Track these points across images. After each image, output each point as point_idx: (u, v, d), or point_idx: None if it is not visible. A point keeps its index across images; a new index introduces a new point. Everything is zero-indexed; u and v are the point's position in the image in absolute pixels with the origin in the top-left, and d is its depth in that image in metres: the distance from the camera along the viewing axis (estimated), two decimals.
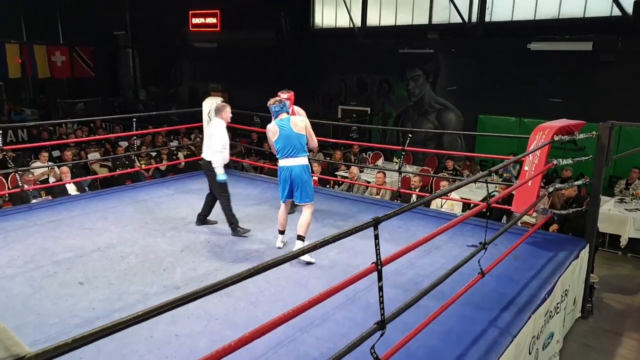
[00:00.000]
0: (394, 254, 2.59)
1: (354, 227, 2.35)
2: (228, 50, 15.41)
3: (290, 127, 4.61)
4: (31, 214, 6.00)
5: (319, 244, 2.14)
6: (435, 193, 3.12)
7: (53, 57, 17.51)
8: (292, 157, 4.61)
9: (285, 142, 4.60)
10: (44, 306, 3.78)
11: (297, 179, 4.62)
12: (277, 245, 5.01)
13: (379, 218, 2.44)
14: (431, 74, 11.45)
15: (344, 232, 2.27)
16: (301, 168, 4.62)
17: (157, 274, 4.36)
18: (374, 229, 2.45)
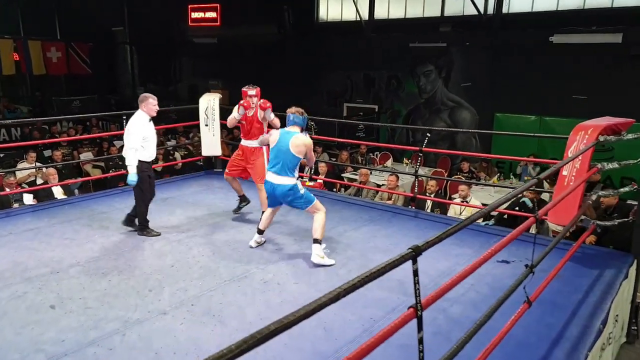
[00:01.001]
0: (437, 292, 1.97)
1: (391, 261, 1.74)
2: (228, 46, 14.83)
3: (289, 145, 4.30)
4: (8, 221, 5.43)
5: (358, 282, 1.54)
6: (484, 209, 2.50)
7: (48, 53, 16.92)
8: (276, 173, 4.35)
9: (276, 155, 4.36)
10: (4, 337, 3.19)
11: (283, 199, 4.42)
12: (250, 244, 4.69)
13: (419, 247, 1.84)
14: (444, 70, 10.82)
15: (382, 268, 1.67)
16: (286, 190, 4.33)
17: (141, 295, 3.77)
18: (413, 262, 1.83)
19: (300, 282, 3.98)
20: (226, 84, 15.33)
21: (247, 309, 3.56)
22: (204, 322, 3.38)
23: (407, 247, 4.66)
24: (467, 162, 8.72)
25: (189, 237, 5.00)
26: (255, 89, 5.31)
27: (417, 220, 5.59)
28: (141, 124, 4.75)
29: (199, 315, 3.48)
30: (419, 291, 1.88)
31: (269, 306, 3.60)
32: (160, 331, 3.28)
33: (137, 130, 4.71)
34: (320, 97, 13.09)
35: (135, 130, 4.71)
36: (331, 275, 4.10)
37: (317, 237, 4.31)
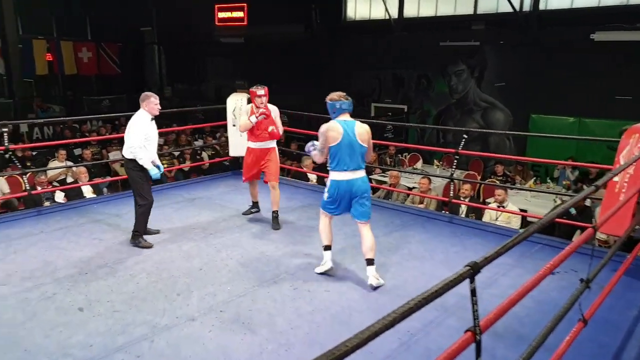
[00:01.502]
0: (495, 313, 1.78)
1: (448, 281, 1.56)
2: (255, 45, 14.78)
3: (355, 135, 3.80)
4: (39, 220, 5.44)
5: (414, 305, 1.37)
6: (543, 219, 2.28)
7: (79, 53, 17.19)
8: (352, 170, 3.81)
9: (346, 152, 3.78)
10: (33, 340, 3.13)
11: (359, 194, 3.85)
12: (323, 269, 4.08)
13: (477, 264, 1.65)
14: (476, 69, 10.52)
15: (439, 289, 1.49)
16: (363, 182, 3.88)
17: (169, 299, 3.68)
18: (470, 280, 1.65)
19: (331, 290, 3.83)
20: (252, 84, 15.23)
21: (277, 317, 3.43)
22: (234, 330, 3.27)
23: (443, 254, 4.50)
24: (501, 164, 8.44)
25: (217, 239, 4.90)
26: (264, 89, 5.20)
27: (452, 226, 5.38)
28: (142, 123, 4.59)
29: (228, 322, 3.36)
30: (477, 313, 1.70)
31: (300, 315, 3.46)
32: (188, 338, 3.17)
33: (139, 128, 4.56)
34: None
35: (137, 128, 4.56)
36: (363, 284, 3.93)
37: (373, 257, 3.88)
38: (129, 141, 4.55)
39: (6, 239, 4.79)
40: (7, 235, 4.91)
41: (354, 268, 4.22)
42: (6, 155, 5.75)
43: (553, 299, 3.55)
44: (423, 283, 3.90)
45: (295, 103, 13.17)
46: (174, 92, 17.88)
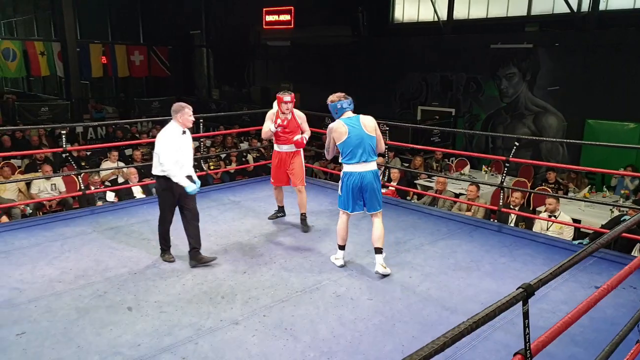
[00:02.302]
0: (548, 336, 1.70)
1: (500, 304, 1.49)
2: (301, 48, 14.86)
3: (362, 127, 4.05)
4: (92, 219, 5.63)
5: (465, 329, 1.32)
6: (607, 235, 2.16)
7: (132, 56, 17.82)
8: (364, 162, 4.03)
9: (356, 145, 4.01)
10: (85, 337, 3.25)
11: (369, 186, 4.07)
12: (338, 264, 4.34)
13: (531, 286, 1.57)
14: (528, 72, 10.17)
15: (490, 312, 1.43)
16: (373, 174, 4.09)
17: (214, 302, 3.73)
18: (523, 303, 1.58)
19: (374, 299, 3.77)
20: (298, 87, 15.38)
21: (319, 324, 3.42)
22: (276, 336, 3.27)
23: (490, 265, 4.36)
24: (553, 171, 8.11)
25: (261, 242, 4.94)
26: (291, 95, 5.18)
27: (500, 236, 5.21)
28: (173, 137, 4.23)
29: (271, 327, 3.38)
30: (529, 336, 1.62)
31: (342, 323, 3.43)
32: (232, 342, 3.20)
33: (170, 144, 4.19)
34: (393, 100, 12.78)
35: (168, 144, 4.18)
36: (408, 293, 3.86)
37: (382, 246, 4.14)
38: (160, 158, 4.19)
39: (61, 238, 4.99)
40: (62, 233, 5.12)
41: (398, 277, 4.15)
42: (63, 155, 6.01)
43: (609, 317, 3.38)
44: (469, 295, 3.80)
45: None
46: (221, 94, 18.23)
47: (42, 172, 7.92)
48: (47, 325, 3.38)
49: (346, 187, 4.10)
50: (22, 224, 5.47)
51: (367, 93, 13.01)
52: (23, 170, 8.76)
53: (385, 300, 3.76)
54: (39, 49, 16.25)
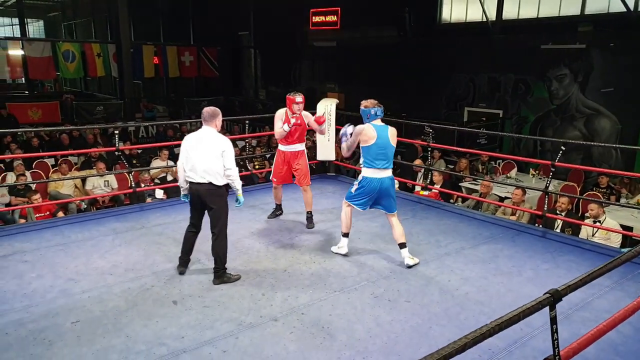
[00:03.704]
0: (579, 343, 1.69)
1: (524, 308, 1.51)
2: (347, 49, 14.90)
3: (389, 137, 4.33)
4: (142, 215, 5.89)
5: (487, 331, 1.35)
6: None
7: (182, 57, 18.39)
8: (385, 168, 4.33)
9: (380, 152, 4.29)
10: (133, 327, 3.43)
11: (387, 191, 4.37)
12: (343, 252, 4.64)
13: (559, 292, 1.57)
14: (580, 73, 9.80)
15: (514, 316, 1.44)
16: (391, 180, 4.41)
17: (254, 298, 3.85)
18: (550, 308, 1.58)
19: (412, 301, 3.79)
20: (342, 87, 15.44)
21: (356, 324, 3.47)
22: (313, 334, 3.35)
23: (532, 271, 4.29)
24: (606, 175, 7.81)
25: (302, 241, 5.04)
26: (302, 96, 5.30)
27: (544, 241, 5.09)
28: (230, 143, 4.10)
29: (309, 325, 3.46)
30: (557, 342, 1.62)
31: (379, 324, 3.47)
32: (270, 338, 3.30)
33: (231, 149, 4.09)
34: (439, 101, 12.63)
35: (231, 150, 4.07)
36: (446, 297, 3.86)
37: (405, 241, 4.41)
38: (227, 164, 4.04)
39: (113, 233, 5.25)
40: (114, 228, 5.39)
41: (437, 281, 4.15)
42: (116, 153, 6.31)
43: None
44: (509, 301, 3.75)
45: (387, 107, 13.09)
46: (268, 95, 18.51)
47: (97, 170, 8.33)
48: (99, 314, 3.59)
49: (363, 189, 4.39)
50: (78, 219, 5.79)
51: (413, 94, 12.91)
52: (79, 167, 9.24)
53: (422, 303, 3.77)
54: (95, 50, 17.06)
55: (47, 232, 5.24)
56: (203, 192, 4.03)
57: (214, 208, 4.07)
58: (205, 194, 4.03)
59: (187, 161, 4.09)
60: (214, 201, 4.05)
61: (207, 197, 4.04)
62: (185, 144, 4.15)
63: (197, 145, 4.05)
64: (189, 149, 4.08)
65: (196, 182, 4.04)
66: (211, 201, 4.04)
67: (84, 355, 3.10)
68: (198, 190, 4.06)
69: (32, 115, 14.21)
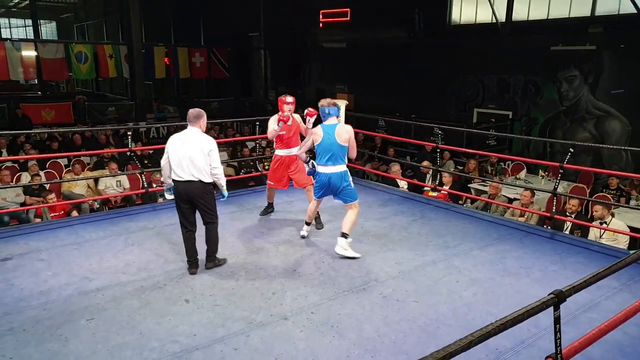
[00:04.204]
0: (581, 342, 1.74)
1: (529, 308, 1.56)
2: (357, 49, 14.94)
3: (335, 137, 4.60)
4: (154, 215, 5.98)
5: (492, 330, 1.40)
6: None
7: (193, 58, 18.53)
8: (330, 165, 4.63)
9: (326, 150, 4.62)
10: (147, 325, 3.51)
11: (335, 185, 4.66)
12: (302, 233, 5.06)
13: (562, 293, 1.62)
14: (591, 75, 9.78)
15: (519, 316, 1.49)
16: (339, 175, 4.64)
17: (265, 297, 3.91)
18: (554, 308, 1.63)
19: (420, 301, 3.84)
20: (352, 88, 15.49)
21: (365, 323, 3.53)
22: (323, 332, 3.41)
23: (540, 272, 4.32)
24: (616, 177, 7.79)
25: (311, 241, 5.10)
26: (292, 98, 5.43)
27: (552, 243, 5.11)
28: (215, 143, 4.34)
29: (318, 324, 3.52)
30: (560, 341, 1.67)
31: (387, 323, 3.52)
32: (281, 337, 3.36)
33: (216, 149, 4.32)
34: (448, 102, 12.64)
35: (216, 150, 4.31)
36: (454, 297, 3.90)
37: (346, 231, 4.60)
38: (214, 162, 4.27)
39: (126, 232, 5.35)
40: (126, 228, 5.48)
41: (445, 281, 4.19)
42: (128, 153, 6.40)
43: None
44: (516, 302, 3.77)
45: (396, 108, 13.17)
46: (277, 95, 18.60)
47: (109, 170, 8.45)
48: (113, 312, 3.67)
49: (317, 181, 4.81)
50: (91, 218, 5.90)
51: (422, 95, 12.93)
52: (92, 167, 9.38)
53: (430, 303, 3.82)
54: (107, 52, 17.24)
55: (62, 231, 5.35)
56: (192, 189, 4.22)
57: (203, 203, 4.30)
58: (194, 192, 4.23)
59: (173, 161, 4.24)
60: (203, 196, 4.28)
61: (196, 194, 4.24)
62: (170, 144, 4.30)
63: (183, 145, 4.21)
64: (176, 149, 4.23)
65: (185, 181, 4.21)
66: (201, 197, 4.27)
67: (99, 351, 3.19)
68: (187, 189, 4.23)
69: (45, 116, 14.41)
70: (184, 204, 4.31)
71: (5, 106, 13.90)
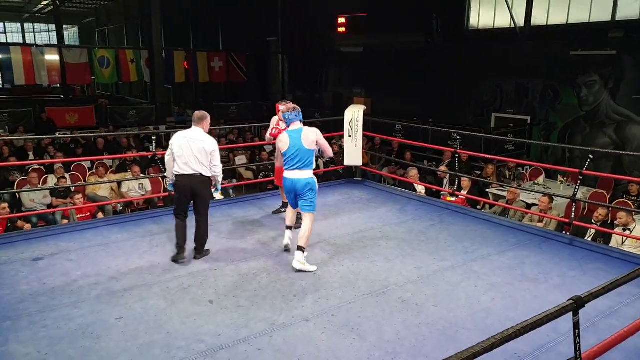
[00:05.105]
0: (600, 347, 1.80)
1: (548, 313, 1.63)
2: (374, 54, 15.01)
3: (301, 141, 4.59)
4: None
5: (513, 333, 1.47)
6: None
7: (212, 62, 18.76)
8: (297, 169, 4.60)
9: (292, 155, 4.60)
10: (173, 325, 3.63)
11: (300, 191, 4.62)
12: (285, 242, 4.95)
13: (581, 299, 1.68)
14: (611, 80, 9.72)
15: (538, 320, 1.56)
16: (305, 182, 4.60)
17: (286, 299, 4.01)
18: (574, 314, 1.69)
19: (439, 306, 3.90)
20: (369, 93, 15.55)
21: (385, 326, 3.60)
22: (344, 334, 3.49)
23: (559, 278, 4.35)
24: (637, 183, 7.74)
25: (330, 245, 5.18)
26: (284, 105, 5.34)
27: (571, 249, 5.13)
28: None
29: (339, 326, 3.60)
30: (579, 345, 1.73)
31: (407, 326, 3.59)
32: (303, 338, 3.46)
33: (217, 148, 4.74)
34: (466, 107, 12.64)
35: (217, 149, 4.73)
36: (472, 302, 3.95)
37: (302, 244, 4.50)
38: (214, 160, 4.70)
39: (150, 234, 5.49)
40: (150, 230, 5.63)
41: (463, 286, 4.24)
42: (155, 157, 6.57)
43: None
44: (534, 307, 3.82)
45: (414, 112, 13.22)
46: (295, 99, 18.73)
47: (132, 173, 8.65)
48: (141, 312, 3.80)
49: (285, 187, 4.79)
50: (116, 220, 6.07)
51: (440, 99, 12.96)
52: (114, 170, 9.60)
53: (449, 307, 3.88)
54: (129, 56, 17.57)
55: (89, 232, 5.52)
56: (195, 182, 4.62)
57: (202, 195, 4.70)
58: (196, 183, 4.64)
59: (179, 157, 4.61)
60: (203, 189, 4.69)
61: (198, 185, 4.64)
62: (175, 140, 4.67)
63: (189, 143, 4.60)
64: (181, 146, 4.61)
65: (188, 175, 4.61)
66: (200, 189, 4.66)
67: (129, 348, 3.32)
68: (190, 182, 4.63)
69: (69, 119, 14.75)
70: (184, 195, 4.68)
71: (30, 110, 14.27)
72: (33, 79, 15.71)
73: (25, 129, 13.06)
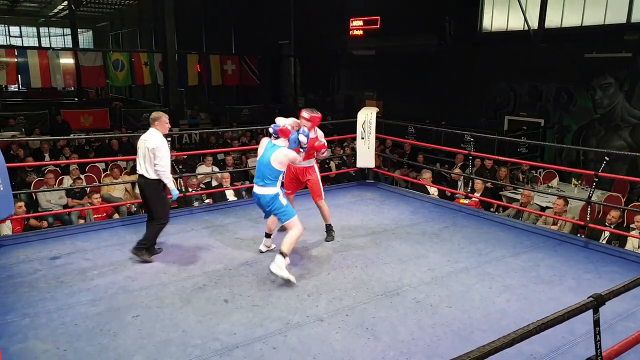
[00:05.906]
0: (621, 345, 1.80)
1: (569, 310, 1.63)
2: (386, 57, 15.01)
3: (270, 159, 4.43)
4: (191, 218, 6.18)
5: (534, 329, 1.48)
6: None
7: (225, 66, 18.91)
8: (259, 185, 4.51)
9: (259, 168, 4.53)
10: (189, 323, 3.67)
11: (265, 208, 4.57)
12: (260, 248, 5.00)
13: (602, 297, 1.69)
14: (626, 82, 9.63)
15: (559, 316, 1.57)
16: (266, 199, 4.49)
17: (301, 299, 4.04)
18: (594, 312, 1.70)
19: (453, 307, 3.90)
20: (381, 95, 15.55)
21: (399, 326, 3.60)
22: (358, 334, 3.50)
23: (574, 280, 4.33)
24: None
25: (344, 246, 5.20)
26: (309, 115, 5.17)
27: (586, 251, 5.09)
28: (165, 143, 4.74)
29: (353, 326, 3.61)
30: (600, 343, 1.73)
31: (421, 327, 3.60)
32: (317, 337, 3.47)
33: (166, 149, 4.70)
34: (479, 110, 12.58)
35: (164, 149, 4.67)
36: (487, 303, 3.94)
37: (285, 251, 4.31)
38: (156, 159, 4.59)
39: (164, 235, 5.47)
40: (164, 231, 5.57)
41: (478, 288, 4.23)
42: None
43: None
44: (549, 309, 3.78)
45: (426, 115, 13.19)
46: (307, 102, 18.80)
47: None
48: (157, 310, 3.85)
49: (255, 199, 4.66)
50: (131, 221, 6.13)
51: (452, 102, 12.92)
52: (129, 171, 9.69)
53: (464, 308, 3.87)
54: (143, 59, 17.78)
55: (104, 232, 5.59)
56: (140, 183, 4.75)
57: (145, 197, 4.77)
58: (141, 185, 4.75)
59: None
60: (146, 191, 4.72)
61: (142, 187, 4.75)
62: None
63: (140, 144, 4.72)
64: (139, 147, 4.74)
65: (139, 175, 4.73)
66: (144, 190, 4.74)
67: (146, 346, 3.36)
68: (139, 183, 4.79)
69: (83, 122, 14.94)
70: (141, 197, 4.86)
71: (46, 112, 14.47)
72: (49, 82, 15.94)
73: (41, 131, 13.25)
